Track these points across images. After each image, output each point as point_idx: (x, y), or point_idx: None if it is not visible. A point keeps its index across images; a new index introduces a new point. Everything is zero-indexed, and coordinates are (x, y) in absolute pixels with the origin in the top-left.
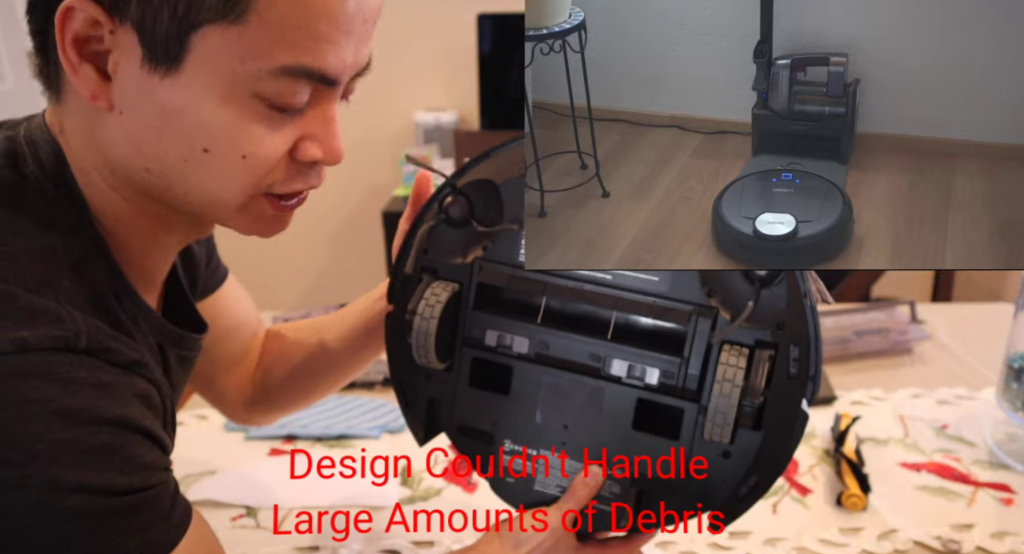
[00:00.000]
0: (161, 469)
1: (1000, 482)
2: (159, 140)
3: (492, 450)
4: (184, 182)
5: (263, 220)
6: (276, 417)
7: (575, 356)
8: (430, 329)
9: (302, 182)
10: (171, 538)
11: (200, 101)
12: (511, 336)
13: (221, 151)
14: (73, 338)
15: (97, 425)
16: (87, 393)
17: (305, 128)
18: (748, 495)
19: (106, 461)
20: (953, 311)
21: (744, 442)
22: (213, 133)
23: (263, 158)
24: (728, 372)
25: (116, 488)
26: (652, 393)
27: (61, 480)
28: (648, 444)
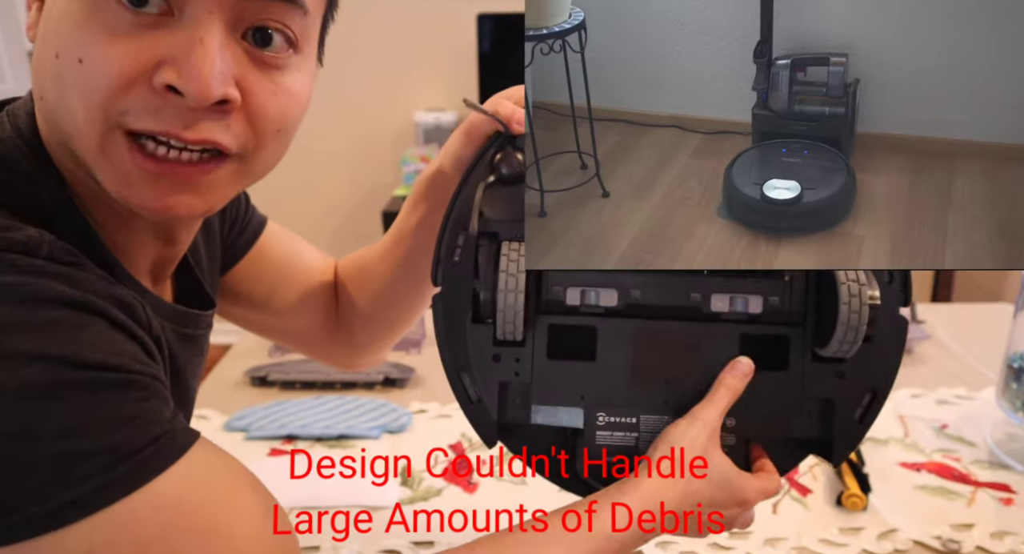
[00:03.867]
0: (149, 367)
1: (1000, 482)
2: (39, 55)
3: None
4: (59, 109)
5: (123, 171)
6: (381, 350)
7: (672, 299)
8: (519, 286)
9: (159, 120)
10: (179, 441)
11: (62, 6)
12: (596, 291)
13: (65, 54)
14: (35, 244)
15: (56, 302)
16: (46, 279)
17: (168, 49)
18: (865, 415)
19: (71, 334)
20: (953, 311)
21: (857, 359)
22: (59, 31)
23: (102, 65)
24: (851, 274)
25: (88, 361)
26: (755, 325)
27: (14, 348)
28: (756, 383)
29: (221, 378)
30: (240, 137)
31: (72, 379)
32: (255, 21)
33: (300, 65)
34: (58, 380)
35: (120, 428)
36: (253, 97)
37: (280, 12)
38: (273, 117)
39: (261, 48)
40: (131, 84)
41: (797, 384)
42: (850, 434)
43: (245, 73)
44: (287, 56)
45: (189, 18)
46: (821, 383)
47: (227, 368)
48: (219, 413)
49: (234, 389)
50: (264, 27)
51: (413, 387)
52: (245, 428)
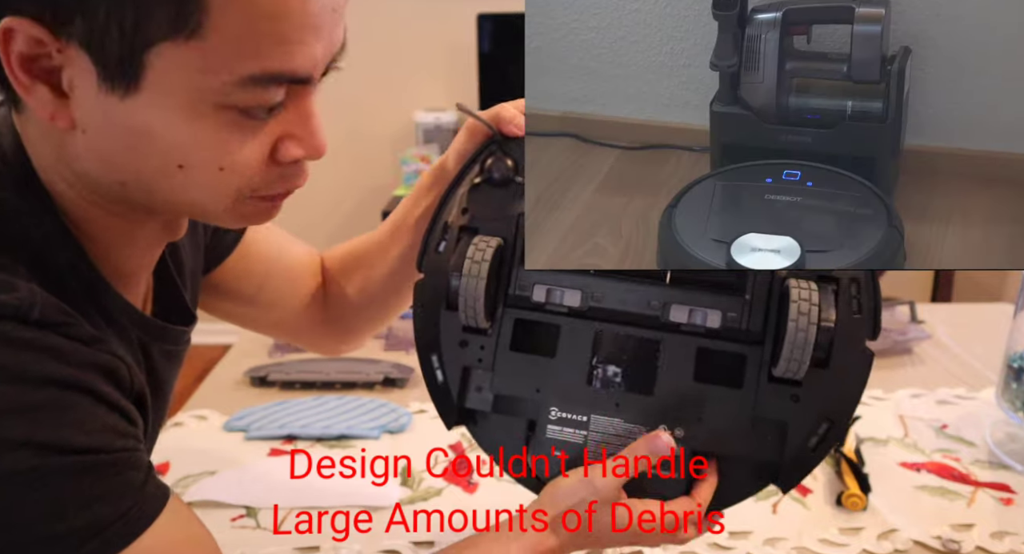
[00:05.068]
0: (128, 437)
1: (1000, 482)
2: (131, 158)
3: (536, 421)
4: (166, 192)
5: (253, 215)
6: (369, 335)
7: (632, 305)
8: (481, 273)
9: (286, 183)
10: (147, 510)
11: (168, 120)
12: (561, 290)
13: (197, 166)
14: (25, 307)
15: (44, 383)
16: (34, 354)
17: (283, 128)
18: (819, 445)
19: (57, 417)
20: (953, 311)
21: (813, 384)
22: (186, 150)
23: (242, 167)
24: (803, 293)
25: (72, 446)
26: (713, 340)
27: (4, 434)
28: (710, 397)
29: (221, 378)
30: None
31: (55, 465)
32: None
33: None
34: (42, 466)
35: (92, 506)
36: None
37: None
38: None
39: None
40: (261, 167)
41: (750, 403)
42: (800, 461)
43: None
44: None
45: (296, 97)
46: (775, 404)
47: (227, 368)
48: (219, 413)
49: (234, 389)
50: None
51: (413, 387)
52: (245, 428)
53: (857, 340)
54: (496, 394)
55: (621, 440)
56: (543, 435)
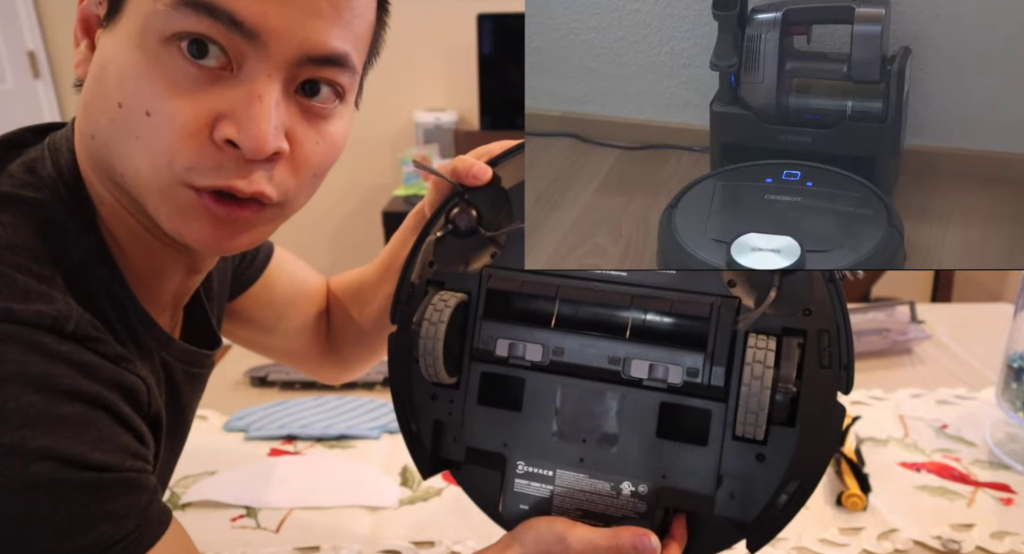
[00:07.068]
0: (140, 458)
1: (1000, 482)
2: (95, 97)
3: (504, 474)
4: (115, 152)
5: (187, 210)
6: (366, 366)
7: (592, 360)
8: (438, 334)
9: (221, 175)
10: (147, 535)
11: (121, 49)
12: (523, 344)
13: (130, 105)
14: (62, 319)
15: (72, 397)
16: (67, 367)
17: (228, 105)
18: (789, 504)
19: (80, 433)
20: (953, 311)
21: (779, 443)
22: (124, 82)
23: (167, 119)
24: (759, 354)
25: (89, 462)
26: (676, 395)
27: (30, 444)
28: (674, 453)
29: (221, 378)
30: (281, 186)
31: (73, 480)
32: (308, 77)
33: (343, 113)
34: (60, 479)
35: (99, 525)
36: (300, 148)
37: (332, 72)
38: (314, 165)
39: (310, 98)
40: (193, 137)
41: (715, 461)
42: (768, 521)
43: (294, 124)
44: (333, 107)
45: (248, 74)
46: (739, 463)
47: (227, 368)
48: (219, 413)
49: (234, 389)
50: (316, 81)
51: None
52: (245, 428)
53: (825, 395)
54: (467, 447)
55: (586, 495)
56: (511, 489)
